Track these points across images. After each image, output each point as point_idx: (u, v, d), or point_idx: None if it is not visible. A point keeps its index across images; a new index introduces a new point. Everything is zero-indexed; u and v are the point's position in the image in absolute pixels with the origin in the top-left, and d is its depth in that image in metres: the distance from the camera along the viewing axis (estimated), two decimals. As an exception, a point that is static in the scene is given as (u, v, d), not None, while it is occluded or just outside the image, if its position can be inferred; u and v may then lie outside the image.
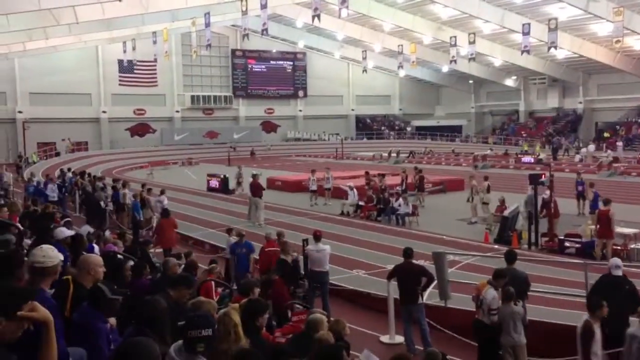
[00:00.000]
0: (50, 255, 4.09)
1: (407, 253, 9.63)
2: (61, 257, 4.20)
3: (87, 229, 11.43)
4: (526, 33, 34.47)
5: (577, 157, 42.55)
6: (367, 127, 66.18)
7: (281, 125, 63.17)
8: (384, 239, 17.13)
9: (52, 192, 21.64)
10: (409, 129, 66.27)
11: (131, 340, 3.07)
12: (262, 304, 5.42)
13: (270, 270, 10.47)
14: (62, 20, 28.77)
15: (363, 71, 51.86)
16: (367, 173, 26.37)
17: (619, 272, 7.81)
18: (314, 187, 25.04)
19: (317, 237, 11.51)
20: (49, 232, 8.00)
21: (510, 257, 8.82)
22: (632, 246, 14.70)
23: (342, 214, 22.20)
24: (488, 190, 20.75)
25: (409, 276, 9.39)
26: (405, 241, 16.20)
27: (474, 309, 8.40)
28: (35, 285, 3.90)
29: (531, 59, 46.37)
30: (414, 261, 9.74)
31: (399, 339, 9.49)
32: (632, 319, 7.26)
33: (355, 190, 23.06)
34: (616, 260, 8.19)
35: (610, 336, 7.59)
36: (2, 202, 11.46)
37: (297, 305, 8.72)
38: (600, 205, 14.98)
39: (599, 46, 43.67)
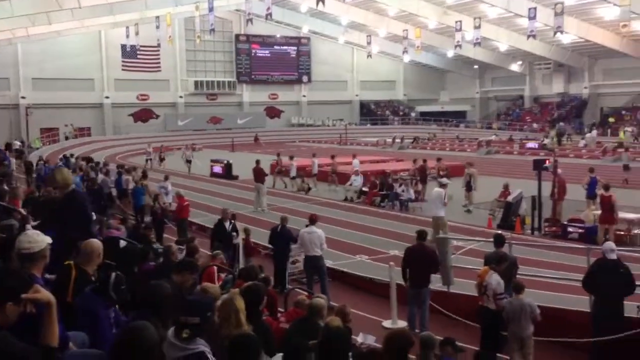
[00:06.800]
0: (37, 240, 4.03)
1: (421, 235, 9.66)
2: (48, 240, 4.16)
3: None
4: (532, 17, 34.22)
5: (582, 143, 42.37)
6: (371, 112, 65.96)
7: (285, 111, 63.03)
8: (387, 225, 17.14)
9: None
10: (413, 114, 66.05)
11: (130, 325, 3.07)
12: (261, 289, 5.42)
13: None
14: (65, 5, 28.67)
15: (367, 56, 51.73)
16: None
17: (614, 256, 7.82)
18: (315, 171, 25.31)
19: (312, 220, 11.57)
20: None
21: (499, 240, 9.07)
22: (636, 231, 14.67)
23: (345, 199, 22.21)
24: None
25: (421, 258, 9.43)
26: (408, 227, 16.22)
27: (477, 295, 8.42)
28: (26, 272, 3.90)
29: (537, 43, 46.02)
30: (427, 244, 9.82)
31: (402, 323, 9.52)
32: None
33: (360, 175, 23.09)
34: (610, 244, 8.20)
35: (604, 319, 7.63)
36: (6, 187, 11.48)
37: (298, 289, 8.73)
38: (602, 191, 14.91)
39: (606, 30, 43.25)
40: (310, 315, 5.72)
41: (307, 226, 11.70)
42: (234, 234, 12.72)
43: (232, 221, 13.09)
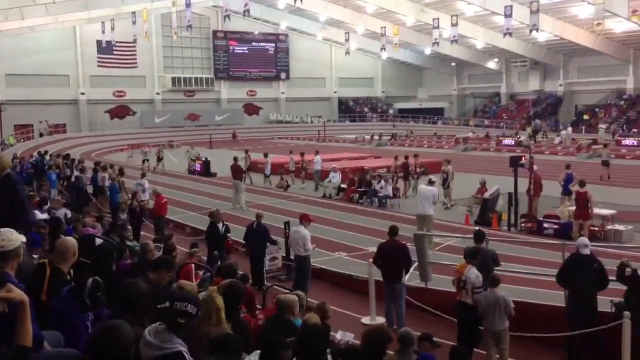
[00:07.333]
0: (10, 238, 3.98)
1: (393, 231, 9.70)
2: (23, 239, 4.11)
3: (64, 211, 11.32)
4: (508, 15, 34.60)
5: (557, 140, 42.96)
6: (349, 109, 66.10)
7: (263, 108, 62.86)
8: (365, 221, 17.18)
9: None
10: (391, 111, 66.32)
11: (106, 324, 3.04)
12: (241, 287, 5.40)
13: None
14: (39, 0, 28.20)
15: (346, 53, 51.80)
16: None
17: (587, 251, 7.92)
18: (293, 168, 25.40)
19: (300, 219, 11.50)
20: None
21: (479, 236, 9.17)
22: (609, 227, 14.91)
23: (324, 196, 22.23)
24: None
25: (393, 254, 9.47)
26: (386, 223, 16.22)
27: (454, 291, 8.49)
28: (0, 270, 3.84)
29: (513, 41, 46.52)
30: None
31: (380, 319, 9.57)
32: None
33: (339, 172, 23.10)
34: (584, 240, 8.31)
35: (578, 314, 7.74)
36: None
37: (277, 287, 8.72)
38: (577, 187, 15.12)
39: (580, 29, 43.91)
40: (280, 311, 5.70)
41: (287, 223, 11.68)
42: (229, 234, 12.46)
43: (225, 222, 12.77)
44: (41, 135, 47.31)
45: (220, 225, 12.51)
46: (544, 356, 8.32)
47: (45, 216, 9.87)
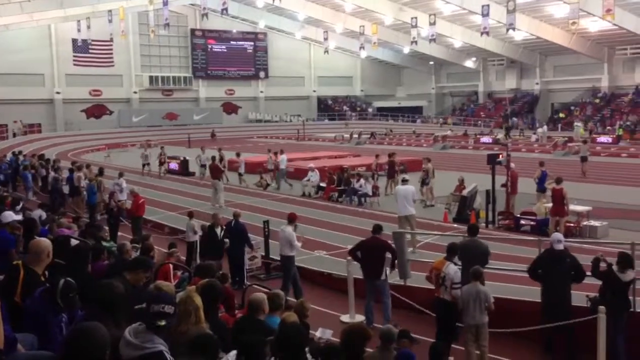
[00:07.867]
0: None
1: (376, 229, 9.73)
2: None
3: (39, 212, 11.16)
4: (485, 14, 34.91)
5: (534, 137, 43.46)
6: (328, 108, 66.14)
7: (242, 107, 62.61)
8: (345, 220, 17.21)
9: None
10: (370, 110, 66.52)
11: (80, 325, 3.00)
12: (218, 286, 5.37)
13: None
14: (13, -2, 27.79)
15: (325, 52, 51.77)
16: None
17: (561, 247, 8.03)
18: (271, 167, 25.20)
19: (288, 218, 11.43)
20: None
21: (473, 230, 9.32)
22: (584, 223, 15.13)
23: (303, 195, 22.21)
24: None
25: (374, 251, 9.50)
26: (365, 221, 16.28)
27: (433, 287, 8.53)
28: None
29: (490, 40, 46.96)
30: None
31: (359, 317, 9.58)
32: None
33: (316, 171, 23.09)
34: (558, 235, 8.42)
35: (552, 308, 7.83)
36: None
37: (257, 286, 8.68)
38: (554, 185, 15.31)
39: (556, 28, 44.46)
40: (250, 311, 5.67)
41: (266, 222, 11.61)
42: (226, 240, 11.85)
43: (224, 227, 12.03)
44: (14, 135, 46.57)
45: (218, 230, 11.89)
46: (523, 352, 8.40)
47: (19, 217, 9.71)
